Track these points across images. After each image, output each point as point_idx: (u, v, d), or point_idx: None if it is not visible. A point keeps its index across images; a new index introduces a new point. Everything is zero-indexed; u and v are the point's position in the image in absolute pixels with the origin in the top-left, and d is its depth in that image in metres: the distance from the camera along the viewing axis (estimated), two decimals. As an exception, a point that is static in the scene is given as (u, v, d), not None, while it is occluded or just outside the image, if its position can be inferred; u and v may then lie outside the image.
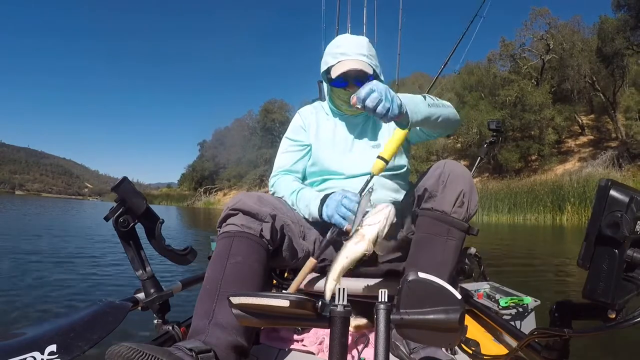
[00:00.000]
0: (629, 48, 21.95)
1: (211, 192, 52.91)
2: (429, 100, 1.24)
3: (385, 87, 1.06)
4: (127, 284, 3.84)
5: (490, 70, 27.26)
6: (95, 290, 3.60)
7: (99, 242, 7.19)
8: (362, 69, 1.36)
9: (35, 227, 10.44)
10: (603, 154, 20.84)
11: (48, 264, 4.76)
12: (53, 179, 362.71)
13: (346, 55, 1.37)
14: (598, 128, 25.53)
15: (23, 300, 3.17)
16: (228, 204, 1.20)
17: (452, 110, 1.36)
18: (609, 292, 0.70)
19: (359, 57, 1.36)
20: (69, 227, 10.91)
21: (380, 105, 1.03)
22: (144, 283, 1.19)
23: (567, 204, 14.94)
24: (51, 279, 4.01)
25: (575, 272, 4.36)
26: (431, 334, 0.65)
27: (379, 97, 1.03)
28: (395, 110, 1.05)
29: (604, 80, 23.95)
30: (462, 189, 1.17)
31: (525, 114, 23.14)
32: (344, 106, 1.47)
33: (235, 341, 1.01)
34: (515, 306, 1.43)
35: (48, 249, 6.02)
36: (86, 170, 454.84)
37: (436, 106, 1.26)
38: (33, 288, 3.58)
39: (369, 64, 1.37)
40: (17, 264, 4.70)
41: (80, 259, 5.25)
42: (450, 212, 1.17)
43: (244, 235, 1.13)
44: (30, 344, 0.80)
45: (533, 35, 25.85)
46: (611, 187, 0.71)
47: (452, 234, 1.17)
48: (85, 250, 6.05)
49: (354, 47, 1.39)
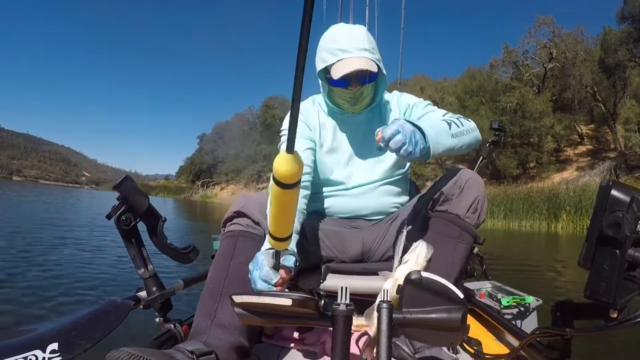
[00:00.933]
0: (631, 60, 22.01)
1: (209, 185, 52.85)
2: (454, 130, 1.18)
3: (411, 130, 1.01)
4: (128, 282, 3.83)
5: (492, 76, 27.30)
6: (97, 289, 3.59)
7: (99, 240, 7.16)
8: (368, 68, 1.24)
9: (34, 218, 10.41)
10: (601, 164, 20.91)
11: (48, 264, 4.74)
12: (51, 166, 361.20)
13: (347, 53, 1.25)
14: (597, 138, 25.61)
15: (24, 299, 3.16)
16: (232, 207, 1.19)
17: (475, 134, 1.28)
18: (611, 292, 0.71)
19: (361, 54, 1.25)
20: (68, 219, 10.88)
21: (403, 149, 0.99)
22: (146, 281, 1.19)
23: (562, 212, 14.94)
24: (52, 278, 3.99)
25: (576, 272, 4.36)
26: (433, 333, 0.65)
27: (403, 141, 0.99)
28: (416, 154, 1.02)
29: (605, 91, 24.02)
30: (477, 196, 1.19)
31: (525, 121, 23.19)
32: (345, 105, 1.36)
33: (237, 342, 1.00)
34: (517, 305, 1.44)
35: (48, 247, 5.99)
36: (84, 158, 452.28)
37: (460, 135, 1.20)
38: (34, 287, 3.56)
39: (371, 59, 1.26)
40: (17, 263, 4.67)
41: (81, 259, 5.22)
42: (464, 216, 1.18)
43: (249, 235, 1.13)
44: (32, 343, 0.80)
45: (536, 43, 25.92)
46: (612, 187, 0.72)
47: (463, 237, 1.19)
48: (86, 249, 6.02)
49: (354, 42, 1.26)
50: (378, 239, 1.39)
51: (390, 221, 1.39)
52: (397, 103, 1.46)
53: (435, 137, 1.09)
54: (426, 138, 1.06)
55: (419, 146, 1.02)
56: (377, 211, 1.42)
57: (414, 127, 1.03)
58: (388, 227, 1.39)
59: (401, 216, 1.37)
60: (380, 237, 1.39)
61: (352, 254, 1.40)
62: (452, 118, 1.25)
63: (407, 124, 1.02)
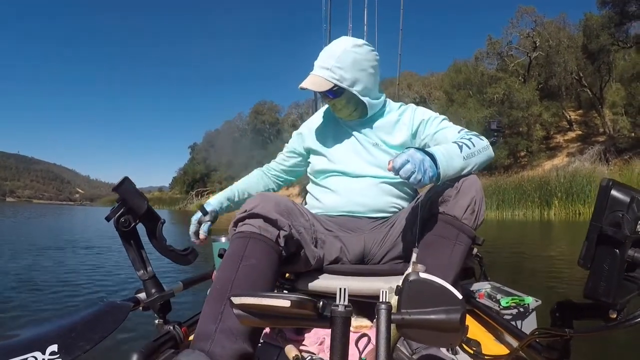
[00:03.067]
0: (614, 44, 22.29)
1: (203, 194, 52.59)
2: (465, 152, 1.20)
3: (420, 159, 1.06)
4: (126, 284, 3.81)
5: (477, 68, 27.47)
6: (96, 291, 3.58)
7: (98, 242, 7.11)
8: (311, 88, 1.37)
9: (31, 232, 10.33)
10: (590, 149, 21.11)
11: (48, 265, 4.71)
12: (44, 185, 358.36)
13: (313, 68, 1.40)
14: (586, 123, 25.88)
15: (24, 300, 3.16)
16: (245, 206, 1.17)
17: (488, 152, 1.30)
18: (610, 292, 0.71)
19: (317, 72, 1.38)
20: (67, 230, 10.80)
21: (412, 177, 1.04)
22: (145, 283, 1.18)
23: (554, 199, 15.09)
24: (52, 279, 3.98)
25: (576, 272, 4.39)
26: (432, 334, 0.65)
27: (412, 170, 1.04)
28: (425, 182, 1.07)
29: (591, 76, 24.30)
30: (475, 197, 1.19)
31: (513, 111, 23.34)
32: (335, 112, 1.50)
33: (241, 349, 0.98)
34: (516, 306, 1.43)
35: (47, 250, 5.95)
36: (77, 175, 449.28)
37: (472, 155, 1.22)
38: (34, 289, 3.56)
39: (327, 78, 1.36)
40: (16, 265, 4.64)
41: (81, 260, 5.19)
42: (461, 217, 1.18)
43: (260, 238, 1.11)
44: (31, 344, 0.78)
45: (520, 33, 26.15)
46: (612, 187, 0.72)
47: (460, 239, 1.19)
48: (85, 251, 5.99)
49: (322, 59, 1.39)
50: (379, 241, 1.40)
51: (391, 224, 1.41)
52: (410, 117, 1.49)
53: (445, 162, 1.14)
54: (437, 163, 1.11)
55: (427, 174, 1.07)
56: (376, 209, 1.43)
57: (424, 155, 1.08)
58: (389, 230, 1.40)
59: (401, 219, 1.37)
60: (381, 240, 1.40)
61: (354, 255, 1.41)
62: (464, 138, 1.28)
63: (417, 153, 1.08)
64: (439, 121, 1.45)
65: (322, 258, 1.36)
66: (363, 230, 1.41)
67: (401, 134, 1.46)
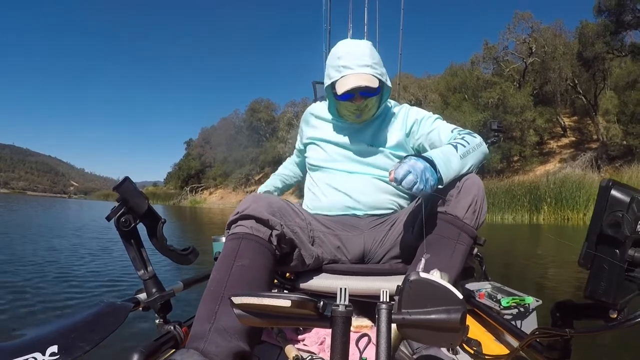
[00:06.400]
0: (609, 52, 22.47)
1: (197, 190, 52.44)
2: (461, 151, 1.22)
3: (421, 170, 1.07)
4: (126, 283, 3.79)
5: (473, 72, 27.59)
6: (96, 291, 3.56)
7: (99, 242, 7.06)
8: (367, 84, 1.33)
9: (27, 225, 10.23)
10: (582, 156, 21.28)
11: (47, 266, 4.67)
12: (38, 177, 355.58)
13: (349, 69, 1.34)
14: (580, 130, 26.08)
15: (24, 301, 3.14)
16: (237, 208, 1.19)
17: (482, 149, 1.32)
18: (611, 292, 0.71)
19: (362, 70, 1.34)
20: (64, 226, 10.72)
21: (415, 187, 1.05)
22: (145, 283, 1.17)
23: (543, 204, 15.21)
24: (51, 280, 3.94)
25: (576, 272, 4.43)
26: (433, 334, 0.65)
27: (414, 180, 1.05)
28: (427, 190, 1.08)
29: (586, 83, 24.47)
30: (476, 197, 1.20)
31: (507, 116, 23.44)
32: (351, 117, 1.46)
33: (236, 347, 0.99)
34: (516, 306, 1.44)
35: (46, 250, 5.89)
36: (72, 168, 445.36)
37: (468, 154, 1.24)
38: (34, 290, 3.53)
39: (373, 75, 1.35)
40: (16, 265, 4.59)
41: (80, 260, 5.15)
42: (463, 217, 1.19)
43: (253, 238, 1.12)
44: (31, 345, 0.78)
45: (516, 39, 26.27)
46: (612, 187, 0.72)
47: (462, 238, 1.19)
48: (84, 251, 5.94)
49: (356, 59, 1.35)
50: (379, 240, 1.40)
51: (391, 223, 1.41)
52: (403, 117, 1.50)
53: (445, 166, 1.15)
54: (437, 168, 1.12)
55: (429, 183, 1.08)
56: (374, 205, 1.43)
57: (424, 163, 1.09)
58: (388, 229, 1.40)
59: (402, 219, 1.38)
60: (381, 239, 1.40)
61: (353, 255, 1.41)
62: (457, 138, 1.29)
63: (418, 162, 1.08)
64: (432, 120, 1.46)
65: (320, 257, 1.36)
66: (363, 229, 1.41)
67: (396, 134, 1.47)
